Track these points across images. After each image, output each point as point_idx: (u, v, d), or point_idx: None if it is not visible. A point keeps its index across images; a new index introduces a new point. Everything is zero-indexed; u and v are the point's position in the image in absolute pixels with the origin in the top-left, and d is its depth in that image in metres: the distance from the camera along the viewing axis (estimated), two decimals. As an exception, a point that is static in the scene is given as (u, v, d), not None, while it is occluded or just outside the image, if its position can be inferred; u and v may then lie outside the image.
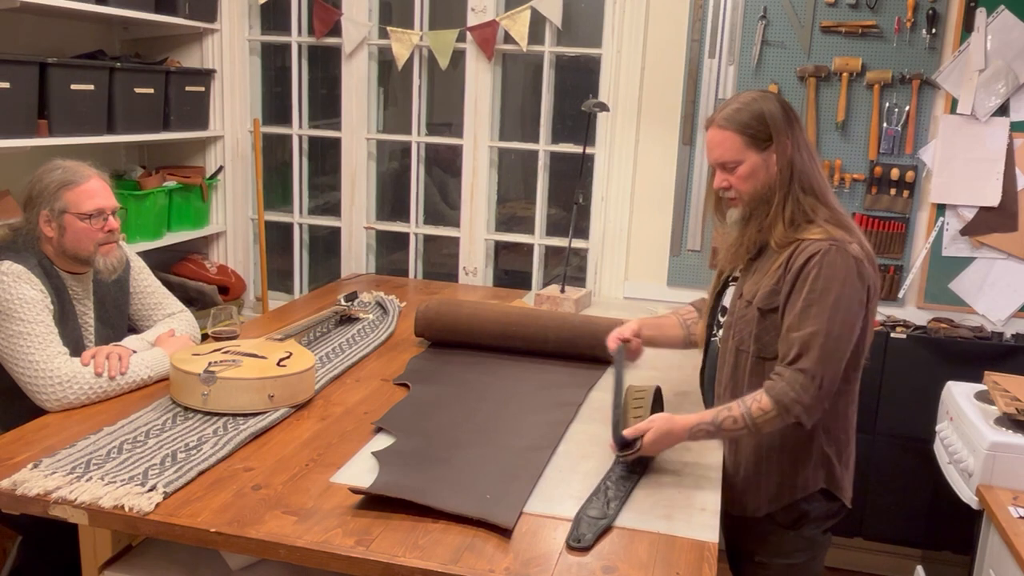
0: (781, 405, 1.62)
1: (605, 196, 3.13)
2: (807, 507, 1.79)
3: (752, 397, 1.66)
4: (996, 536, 1.97)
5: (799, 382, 1.62)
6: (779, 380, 1.65)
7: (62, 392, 1.88)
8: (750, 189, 1.74)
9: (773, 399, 1.63)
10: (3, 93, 2.46)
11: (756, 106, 1.73)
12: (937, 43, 2.75)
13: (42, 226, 2.04)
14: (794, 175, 1.73)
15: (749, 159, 1.73)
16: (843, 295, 1.64)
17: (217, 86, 3.40)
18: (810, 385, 1.62)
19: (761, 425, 1.65)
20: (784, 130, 1.73)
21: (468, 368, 2.27)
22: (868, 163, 2.87)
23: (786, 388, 1.63)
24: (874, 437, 2.89)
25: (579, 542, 1.42)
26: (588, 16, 3.11)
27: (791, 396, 1.62)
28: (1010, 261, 2.83)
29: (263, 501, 1.51)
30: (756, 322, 1.75)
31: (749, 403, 1.65)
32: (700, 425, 1.67)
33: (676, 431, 1.67)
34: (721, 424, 1.66)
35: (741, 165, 1.73)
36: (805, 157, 1.75)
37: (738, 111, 1.74)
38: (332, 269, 3.59)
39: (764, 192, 1.74)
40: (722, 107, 1.77)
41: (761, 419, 1.64)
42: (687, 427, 1.67)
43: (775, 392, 1.64)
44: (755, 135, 1.72)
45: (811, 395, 1.62)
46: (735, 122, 1.73)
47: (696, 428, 1.67)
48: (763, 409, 1.64)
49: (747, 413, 1.65)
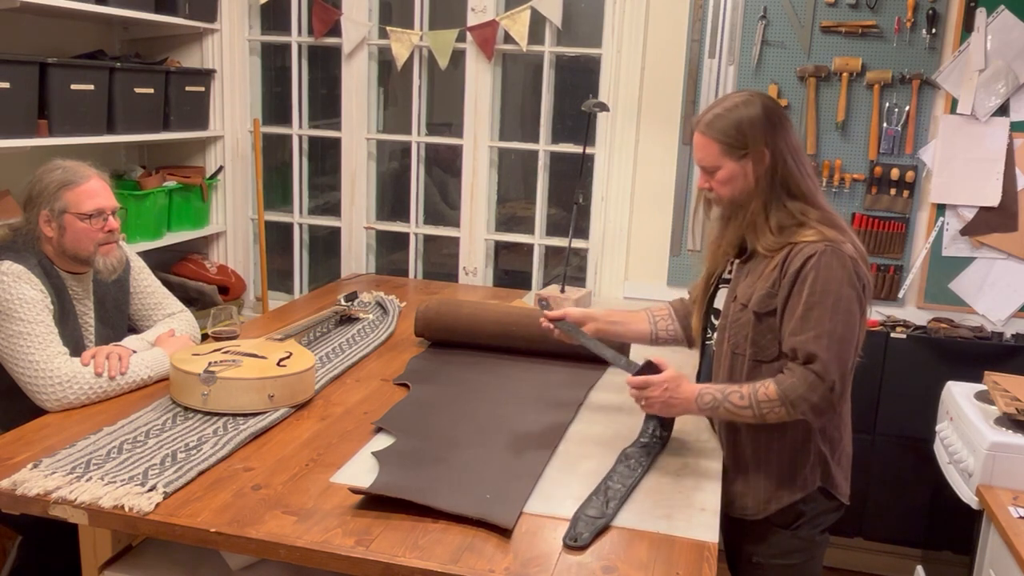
0: (787, 399, 1.63)
1: (605, 196, 3.13)
2: (804, 507, 1.79)
3: (761, 383, 1.67)
4: (996, 536, 1.97)
5: (809, 380, 1.63)
6: (790, 375, 1.65)
7: (62, 392, 1.88)
8: (728, 194, 1.77)
9: (780, 391, 1.64)
10: (3, 93, 2.47)
11: (735, 114, 1.73)
12: (937, 43, 2.75)
13: (42, 226, 2.04)
14: (775, 182, 1.73)
15: (726, 166, 1.74)
16: (842, 296, 1.65)
17: (217, 86, 3.40)
18: (820, 385, 1.62)
19: (766, 413, 1.66)
20: (762, 139, 1.72)
21: (468, 368, 2.27)
22: (868, 163, 2.87)
23: (796, 384, 1.64)
24: (874, 437, 2.89)
25: (576, 541, 1.42)
26: (588, 16, 3.11)
27: (799, 392, 1.63)
28: (1010, 261, 2.83)
29: (263, 501, 1.51)
30: (752, 325, 1.75)
31: (757, 387, 1.67)
32: (708, 390, 1.70)
33: (688, 390, 1.71)
34: (728, 397, 1.68)
35: (719, 171, 1.76)
36: (791, 162, 1.73)
37: (718, 117, 1.75)
38: (332, 269, 3.59)
39: (741, 197, 1.75)
40: (707, 109, 1.78)
41: (766, 406, 1.65)
42: (697, 390, 1.71)
43: (784, 386, 1.64)
44: (731, 144, 1.73)
45: (819, 395, 1.62)
46: (713, 128, 1.74)
47: (704, 392, 1.70)
48: (768, 397, 1.65)
49: (753, 394, 1.66)
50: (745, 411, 1.68)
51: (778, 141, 1.73)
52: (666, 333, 2.07)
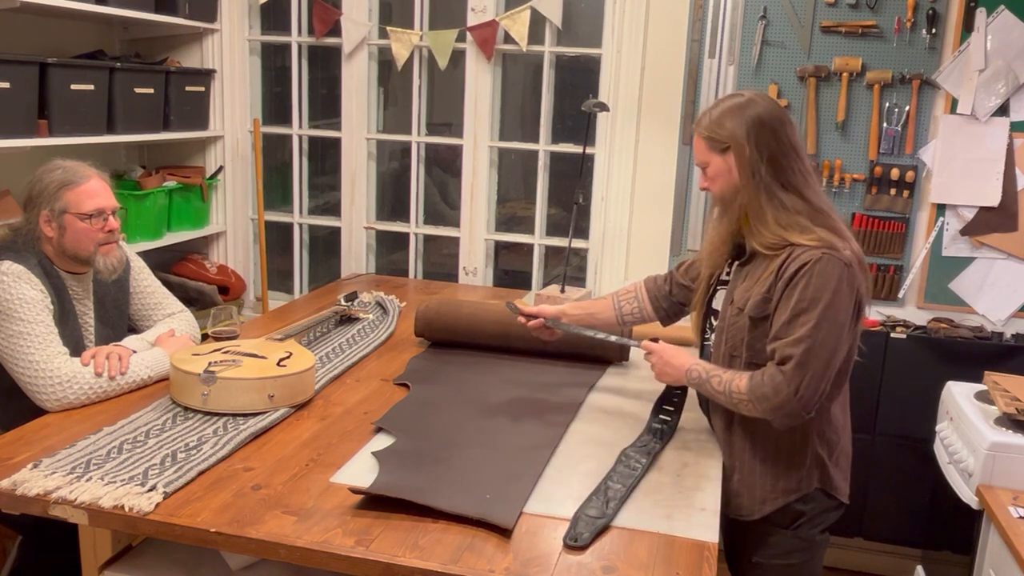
0: (753, 395, 1.68)
1: (605, 196, 3.13)
2: (804, 507, 1.79)
3: (738, 373, 1.73)
4: (996, 536, 1.97)
5: (776, 382, 1.65)
6: (761, 374, 1.68)
7: (62, 392, 1.88)
8: (716, 189, 1.81)
9: (749, 387, 1.68)
10: (3, 93, 2.47)
11: (721, 110, 1.78)
12: (937, 43, 2.75)
13: (42, 226, 2.04)
14: (760, 177, 1.72)
15: (712, 161, 1.79)
16: (832, 304, 1.65)
17: (217, 86, 3.40)
18: (784, 388, 1.63)
19: (736, 403, 1.72)
20: (743, 133, 1.73)
21: (468, 368, 2.27)
22: (868, 163, 2.87)
23: (763, 383, 1.66)
24: (874, 437, 2.89)
25: (576, 541, 1.42)
26: (588, 16, 3.11)
27: (763, 392, 1.66)
28: (1010, 261, 2.83)
29: (263, 501, 1.51)
30: (747, 330, 1.76)
31: (734, 376, 1.73)
32: (696, 368, 1.79)
33: (682, 361, 1.82)
34: (709, 379, 1.77)
35: (708, 167, 1.81)
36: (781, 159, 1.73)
37: (706, 114, 1.81)
38: (332, 269, 3.59)
39: (729, 193, 1.79)
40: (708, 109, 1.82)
41: (736, 397, 1.71)
42: (689, 363, 1.81)
43: (753, 381, 1.68)
44: (714, 138, 1.78)
45: (783, 398, 1.64)
46: (701, 126, 1.81)
47: (693, 367, 1.80)
48: (739, 389, 1.70)
49: (729, 383, 1.73)
50: (720, 396, 1.75)
51: (763, 136, 1.73)
52: (631, 316, 2.12)
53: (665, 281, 2.11)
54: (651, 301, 2.11)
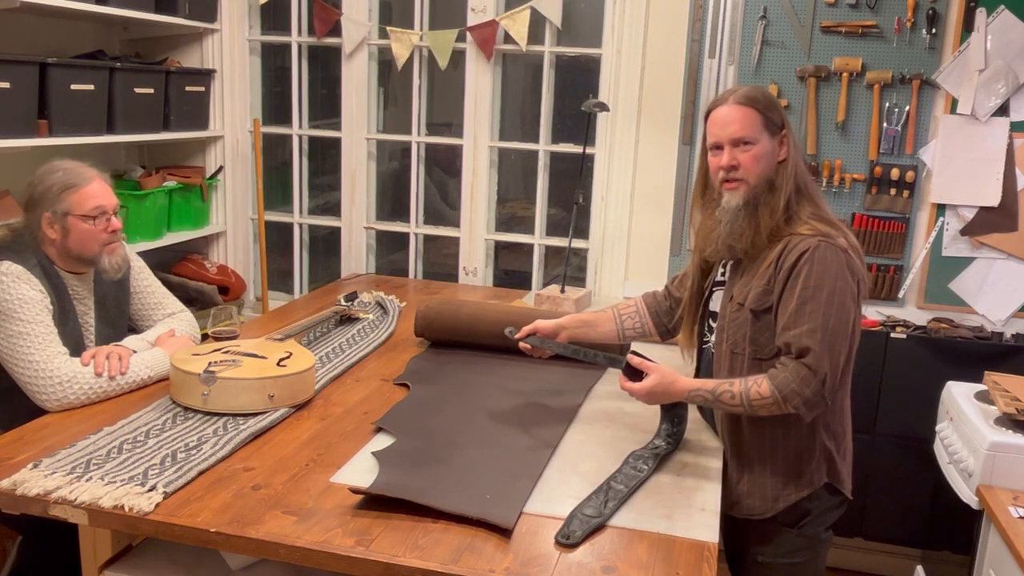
0: (780, 395, 1.64)
1: (605, 196, 3.13)
2: (810, 505, 1.79)
3: (753, 379, 1.68)
4: (996, 536, 1.97)
5: (802, 375, 1.63)
6: (783, 370, 1.66)
7: (62, 392, 1.88)
8: (759, 171, 1.75)
9: (774, 387, 1.65)
10: (3, 93, 2.46)
11: (764, 93, 1.78)
12: (937, 43, 2.75)
13: (45, 228, 2.04)
14: (794, 172, 1.77)
15: (763, 141, 1.75)
16: (836, 290, 1.65)
17: (217, 86, 3.40)
18: (812, 379, 1.63)
19: (757, 408, 1.68)
20: (787, 125, 1.79)
21: (468, 368, 2.27)
22: (868, 163, 2.87)
23: (789, 379, 1.64)
24: (874, 437, 2.89)
25: (567, 539, 1.42)
26: (588, 16, 3.11)
27: (792, 388, 1.64)
28: (1010, 261, 2.83)
29: (263, 501, 1.51)
30: (750, 324, 1.76)
31: (749, 384, 1.68)
32: (700, 391, 1.72)
33: (677, 388, 1.72)
34: (719, 396, 1.70)
35: (756, 145, 1.74)
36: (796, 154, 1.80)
37: (756, 90, 1.77)
38: (332, 269, 3.59)
39: (768, 178, 1.75)
40: (732, 90, 1.79)
41: (758, 403, 1.67)
42: (687, 388, 1.72)
43: (777, 381, 1.65)
44: (771, 119, 1.76)
45: (812, 389, 1.63)
46: (756, 101, 1.75)
47: (695, 392, 1.72)
48: (761, 394, 1.66)
49: (745, 393, 1.67)
50: (736, 408, 1.71)
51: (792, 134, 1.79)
52: (632, 331, 2.10)
53: (665, 297, 2.11)
54: (652, 317, 2.10)
